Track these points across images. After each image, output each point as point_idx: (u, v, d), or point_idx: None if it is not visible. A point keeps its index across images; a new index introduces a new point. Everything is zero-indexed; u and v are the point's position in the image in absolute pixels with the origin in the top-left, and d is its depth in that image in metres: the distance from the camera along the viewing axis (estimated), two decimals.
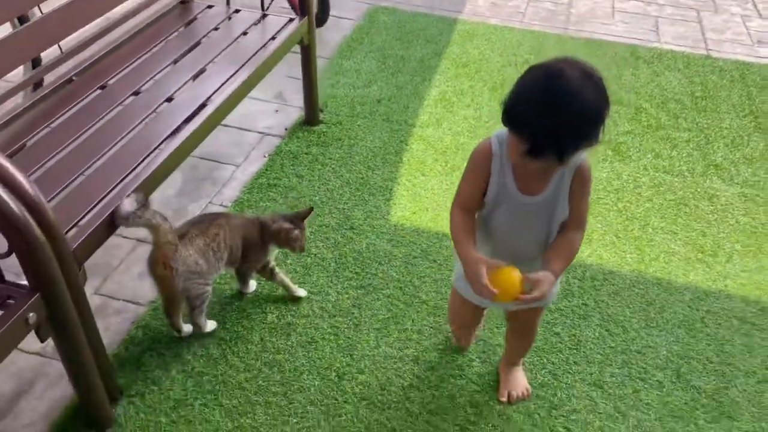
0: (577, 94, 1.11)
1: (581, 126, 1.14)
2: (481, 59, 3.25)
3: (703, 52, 3.44)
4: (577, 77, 1.12)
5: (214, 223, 1.71)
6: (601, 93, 1.14)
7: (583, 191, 1.31)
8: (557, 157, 1.16)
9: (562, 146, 1.15)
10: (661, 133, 2.77)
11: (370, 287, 1.97)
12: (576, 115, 1.12)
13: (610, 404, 1.67)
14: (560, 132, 1.13)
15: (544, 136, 1.14)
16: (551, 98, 1.12)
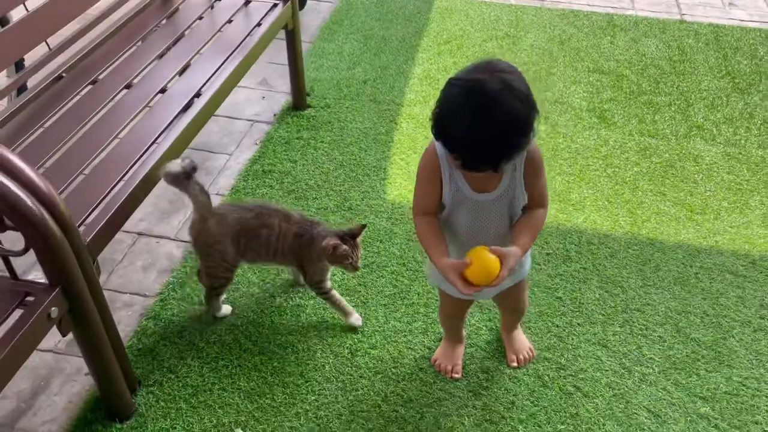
0: (500, 107, 1.10)
1: (509, 137, 1.12)
2: (461, 35, 3.28)
3: (678, 17, 3.51)
4: (497, 89, 1.10)
5: (264, 218, 1.68)
6: (525, 100, 1.12)
7: (538, 175, 1.31)
8: (492, 169, 1.16)
9: (494, 160, 1.14)
10: (643, 98, 2.83)
11: (374, 265, 2.00)
12: (501, 129, 1.11)
13: (616, 361, 1.74)
14: (489, 147, 1.12)
15: (474, 152, 1.14)
16: (474, 116, 1.11)
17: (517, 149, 1.15)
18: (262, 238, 1.68)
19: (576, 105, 2.77)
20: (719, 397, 1.64)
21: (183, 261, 2.01)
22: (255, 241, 1.69)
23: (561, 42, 3.23)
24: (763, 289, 1.95)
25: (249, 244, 1.69)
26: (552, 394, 1.65)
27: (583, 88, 2.89)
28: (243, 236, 1.68)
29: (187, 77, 2.05)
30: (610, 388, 1.67)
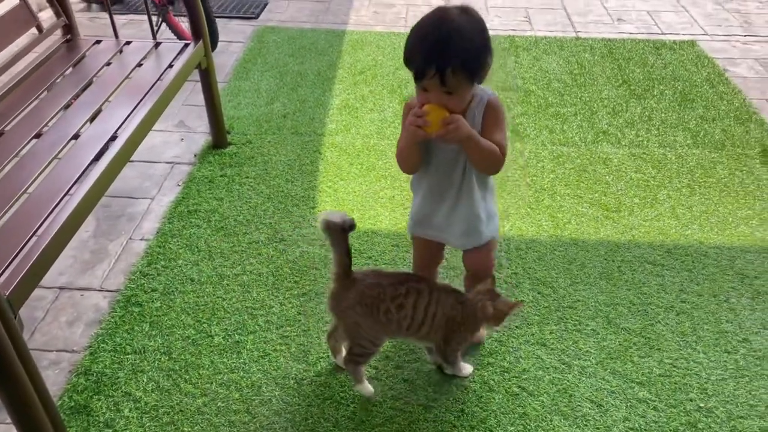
0: (453, 20, 1.32)
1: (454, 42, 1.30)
2: (375, 65, 3.36)
3: (573, 35, 3.74)
4: (456, 12, 1.34)
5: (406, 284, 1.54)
6: (478, 26, 1.35)
7: (495, 124, 1.45)
8: (437, 72, 1.31)
9: (439, 60, 1.30)
10: (551, 110, 2.98)
11: (312, 293, 1.99)
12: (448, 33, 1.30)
13: (555, 358, 1.79)
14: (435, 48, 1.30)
15: (423, 52, 1.32)
16: (429, 25, 1.34)
17: (460, 62, 1.31)
18: (407, 308, 1.53)
19: None
20: (654, 380, 1.72)
21: (111, 311, 1.93)
22: (397, 312, 1.53)
23: None
24: (680, 275, 2.07)
25: (389, 314, 1.53)
26: (499, 398, 1.68)
27: None
28: (381, 303, 1.52)
29: (99, 124, 1.99)
30: (553, 385, 1.72)
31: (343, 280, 1.54)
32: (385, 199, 2.40)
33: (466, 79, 1.35)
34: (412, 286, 1.53)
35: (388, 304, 1.52)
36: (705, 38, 3.71)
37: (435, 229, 1.64)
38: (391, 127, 2.83)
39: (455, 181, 1.53)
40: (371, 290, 1.52)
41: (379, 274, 1.58)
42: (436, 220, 1.62)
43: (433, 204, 1.59)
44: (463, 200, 1.56)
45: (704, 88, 3.16)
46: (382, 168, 2.57)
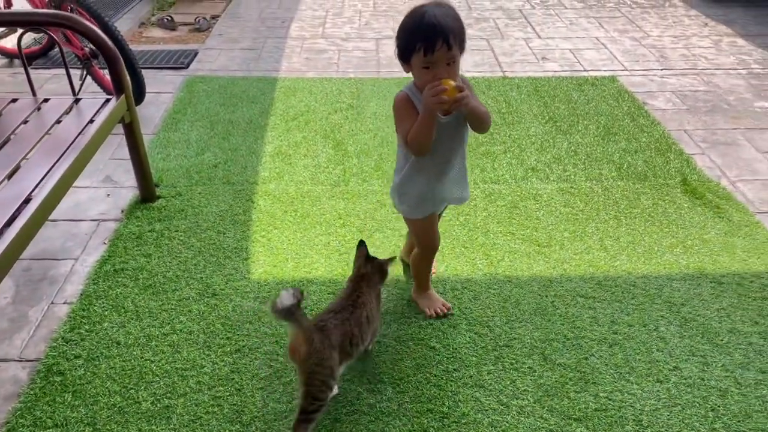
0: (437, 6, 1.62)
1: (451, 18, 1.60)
2: (307, 111, 3.37)
3: (500, 74, 3.86)
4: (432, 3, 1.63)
5: (358, 302, 1.71)
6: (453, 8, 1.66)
7: (473, 92, 1.72)
8: (444, 42, 1.56)
9: (444, 32, 1.56)
10: (482, 149, 3.05)
11: (246, 349, 1.93)
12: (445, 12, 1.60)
13: (493, 399, 1.78)
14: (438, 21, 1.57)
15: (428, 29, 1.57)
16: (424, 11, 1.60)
17: (457, 30, 1.60)
18: (364, 326, 1.70)
19: None
20: (590, 414, 1.73)
21: (31, 382, 1.82)
22: (359, 332, 1.68)
23: None
24: (611, 306, 2.11)
25: (353, 341, 1.66)
26: None
27: None
28: (348, 339, 1.64)
29: (15, 183, 1.91)
30: (492, 427, 1.70)
31: (311, 340, 1.55)
32: (320, 246, 2.38)
33: (460, 47, 1.62)
34: (357, 301, 1.71)
35: (353, 330, 1.66)
36: (625, 73, 3.89)
37: (438, 199, 1.90)
38: (325, 173, 2.83)
39: (457, 150, 1.82)
40: (343, 331, 1.63)
41: (334, 313, 1.67)
42: (442, 191, 1.88)
43: (439, 178, 1.84)
44: (461, 165, 1.87)
45: (626, 121, 3.29)
46: (317, 214, 2.56)
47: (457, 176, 1.89)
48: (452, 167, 1.85)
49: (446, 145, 1.78)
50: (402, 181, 1.89)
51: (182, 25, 4.69)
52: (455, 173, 1.87)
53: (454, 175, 1.87)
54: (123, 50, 2.94)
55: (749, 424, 1.70)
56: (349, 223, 2.50)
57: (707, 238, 2.41)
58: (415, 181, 1.86)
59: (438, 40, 1.58)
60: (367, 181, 2.79)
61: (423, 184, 1.86)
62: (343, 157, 2.96)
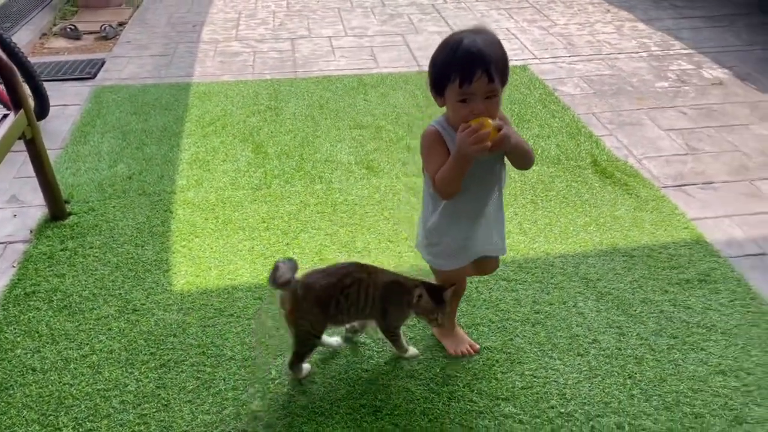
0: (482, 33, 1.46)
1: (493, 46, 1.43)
2: (224, 115, 3.31)
3: (416, 69, 3.91)
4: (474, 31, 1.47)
5: (351, 275, 1.71)
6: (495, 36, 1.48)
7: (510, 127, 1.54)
8: (485, 73, 1.40)
9: (485, 62, 1.40)
10: (402, 143, 3.08)
11: (171, 362, 1.88)
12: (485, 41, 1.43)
13: (424, 388, 1.81)
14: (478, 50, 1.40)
15: (466, 58, 1.40)
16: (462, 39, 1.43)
17: (499, 60, 1.43)
18: (352, 297, 1.70)
19: (345, 160, 2.93)
20: (517, 393, 1.79)
21: None
22: (345, 301, 1.70)
23: (320, 106, 3.41)
24: (532, 287, 2.18)
25: (339, 306, 1.71)
26: None
27: (348, 144, 3.06)
28: (333, 302, 1.70)
29: None
30: (424, 416, 1.73)
31: (296, 298, 1.68)
32: (244, 252, 2.34)
33: (501, 79, 1.46)
34: (355, 277, 1.71)
35: (339, 297, 1.69)
36: (535, 62, 4.02)
37: (477, 248, 1.73)
38: (246, 177, 2.79)
39: (493, 193, 1.65)
40: (325, 291, 1.69)
41: (326, 273, 1.72)
42: (477, 239, 1.70)
43: (477, 221, 1.67)
44: (496, 210, 1.69)
45: (538, 108, 3.40)
46: (239, 219, 2.51)
47: (495, 218, 1.70)
48: (489, 207, 1.67)
49: (482, 182, 1.60)
50: (433, 228, 1.69)
51: (87, 33, 4.50)
52: (497, 216, 1.70)
53: (491, 217, 1.69)
54: (20, 62, 2.80)
55: (664, 387, 1.79)
56: (273, 226, 2.48)
57: (618, 215, 2.52)
58: (449, 228, 1.67)
59: (477, 69, 1.40)
60: (290, 182, 2.76)
61: (458, 231, 1.67)
62: (264, 159, 2.93)
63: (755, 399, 1.75)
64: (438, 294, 1.71)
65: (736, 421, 1.69)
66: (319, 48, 4.23)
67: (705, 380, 1.81)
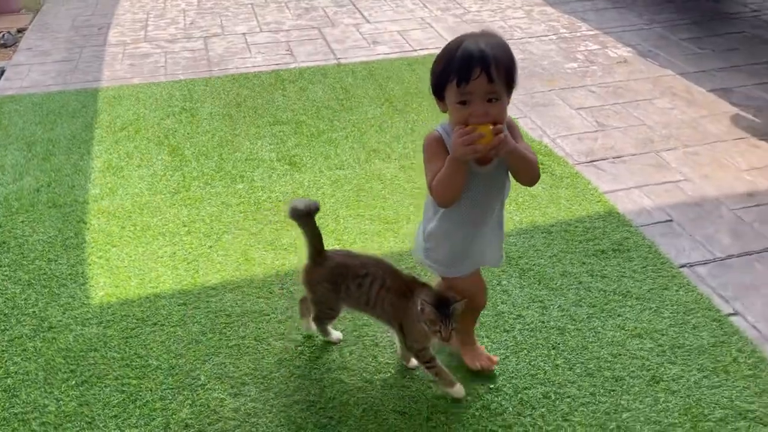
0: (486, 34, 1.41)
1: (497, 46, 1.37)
2: (137, 119, 3.20)
3: (335, 62, 3.90)
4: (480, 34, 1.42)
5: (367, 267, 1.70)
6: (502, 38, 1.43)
7: (517, 135, 1.50)
8: (484, 71, 1.33)
9: (485, 61, 1.33)
10: (323, 137, 3.07)
11: (93, 378, 1.81)
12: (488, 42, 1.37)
13: (357, 377, 1.81)
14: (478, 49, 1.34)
15: (465, 56, 1.35)
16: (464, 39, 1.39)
17: (503, 60, 1.36)
18: (364, 287, 1.68)
19: (266, 158, 2.89)
20: None
21: None
22: (356, 288, 1.69)
23: (237, 104, 3.35)
24: None
25: (349, 290, 1.71)
26: None
27: (269, 141, 3.02)
28: (344, 281, 1.70)
29: None
30: (358, 406, 1.73)
31: (314, 258, 1.74)
32: (165, 258, 2.27)
33: (505, 81, 1.38)
34: (372, 271, 1.69)
35: (349, 282, 1.70)
36: None
37: (476, 257, 1.66)
38: (163, 181, 2.70)
39: (494, 204, 1.57)
40: (338, 269, 1.72)
41: (349, 255, 1.77)
42: (477, 249, 1.63)
43: (478, 230, 1.60)
44: (497, 221, 1.62)
45: None
46: (159, 225, 2.44)
47: (496, 229, 1.63)
48: (491, 217, 1.59)
49: (483, 193, 1.53)
50: (432, 234, 1.62)
51: None
52: (497, 227, 1.63)
53: (492, 227, 1.62)
54: None
55: (586, 355, 1.87)
56: (195, 230, 2.42)
57: (535, 193, 2.60)
58: (448, 234, 1.60)
59: (475, 67, 1.33)
60: (210, 183, 2.70)
61: (457, 239, 1.60)
62: (181, 162, 2.85)
63: (670, 358, 1.85)
64: (445, 304, 1.57)
65: (653, 381, 1.79)
66: (234, 45, 4.14)
67: (623, 344, 1.90)
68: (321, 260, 1.75)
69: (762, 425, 1.66)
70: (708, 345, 1.89)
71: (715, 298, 2.07)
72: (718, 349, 1.87)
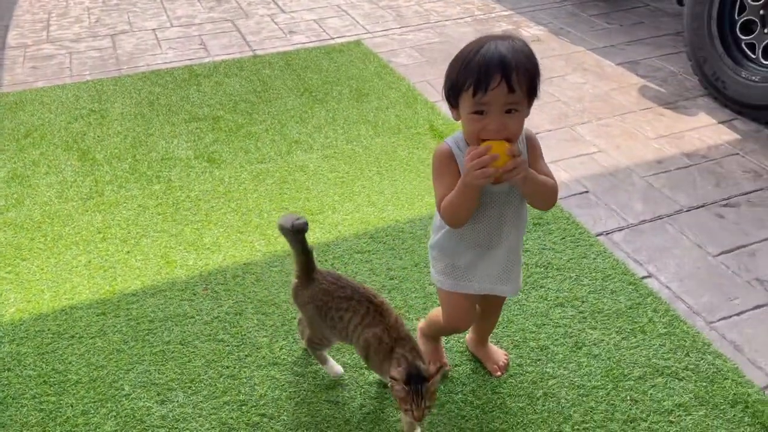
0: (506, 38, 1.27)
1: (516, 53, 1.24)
2: (42, 124, 3.04)
3: (250, 54, 3.82)
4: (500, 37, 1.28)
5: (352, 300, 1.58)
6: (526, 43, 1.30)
7: (538, 154, 1.41)
8: (505, 79, 1.21)
9: (506, 68, 1.21)
10: (243, 131, 3.00)
11: (8, 399, 1.72)
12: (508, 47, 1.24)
13: (289, 372, 1.80)
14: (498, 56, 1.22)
15: (486, 63, 1.22)
16: (480, 44, 1.26)
17: (524, 68, 1.24)
18: (344, 321, 1.58)
19: (183, 156, 2.80)
20: None
21: None
22: (337, 318, 1.59)
23: (150, 103, 3.23)
24: (386, 255, 2.23)
25: (333, 322, 1.60)
26: None
27: (185, 138, 2.93)
28: (326, 309, 1.61)
29: None
30: (291, 400, 1.72)
31: (302, 277, 1.65)
32: (80, 267, 2.17)
33: (527, 91, 1.26)
34: (354, 305, 1.58)
35: (333, 313, 1.60)
36: (368, 36, 4.07)
37: (480, 284, 1.52)
38: (74, 187, 2.58)
39: (507, 226, 1.44)
40: (322, 295, 1.61)
41: (338, 282, 1.62)
42: (485, 272, 1.50)
43: (484, 253, 1.47)
44: (514, 243, 1.48)
45: (375, 81, 3.45)
46: (72, 234, 2.33)
47: (507, 257, 1.49)
48: (501, 241, 1.45)
49: (495, 213, 1.42)
50: (437, 243, 1.52)
51: None
52: (504, 251, 1.47)
53: (502, 255, 1.47)
54: None
55: (512, 327, 1.92)
56: (111, 235, 2.32)
57: None
58: (452, 248, 1.50)
59: (495, 75, 1.21)
60: (124, 186, 2.60)
61: (461, 255, 1.49)
62: (92, 166, 2.72)
63: (590, 323, 1.92)
64: (417, 380, 1.41)
65: (576, 347, 1.85)
66: (143, 42, 3.98)
67: (546, 314, 1.96)
68: (308, 281, 1.64)
69: (677, 379, 1.75)
70: (625, 308, 1.97)
71: (630, 262, 2.16)
72: (635, 311, 1.96)
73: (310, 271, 1.64)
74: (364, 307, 1.57)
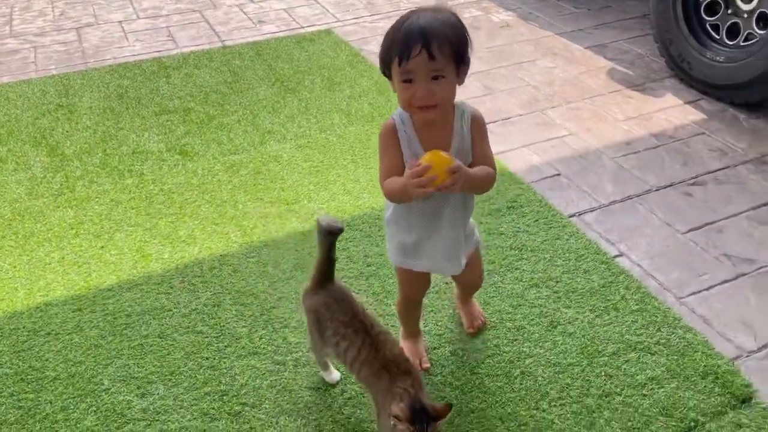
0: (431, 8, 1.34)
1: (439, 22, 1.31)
2: (8, 121, 2.98)
3: (220, 45, 3.78)
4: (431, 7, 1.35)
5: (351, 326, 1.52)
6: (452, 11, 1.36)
7: (483, 138, 1.46)
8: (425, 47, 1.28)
9: (425, 37, 1.28)
10: (215, 123, 2.97)
11: None
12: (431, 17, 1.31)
13: (269, 361, 1.80)
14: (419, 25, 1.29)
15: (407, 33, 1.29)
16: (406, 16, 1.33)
17: (446, 35, 1.30)
18: (340, 347, 1.53)
19: (155, 149, 2.77)
20: None
21: None
22: (333, 343, 1.54)
23: (119, 96, 3.18)
24: (362, 242, 2.24)
25: (328, 338, 1.55)
26: (222, 424, 1.64)
27: (156, 131, 2.90)
28: (324, 326, 1.55)
29: None
30: (272, 388, 1.73)
31: (315, 282, 1.59)
32: (53, 264, 2.15)
33: (451, 57, 1.32)
34: (350, 334, 1.51)
35: (329, 333, 1.55)
36: (338, 24, 4.05)
37: (427, 260, 1.58)
38: (43, 184, 2.54)
39: (446, 213, 1.50)
40: (324, 309, 1.56)
41: (342, 302, 1.56)
42: (430, 251, 1.56)
43: (430, 233, 1.53)
44: (452, 228, 1.53)
45: (346, 70, 3.45)
46: (43, 230, 2.30)
47: (454, 237, 1.54)
48: (445, 226, 1.51)
49: (433, 205, 1.48)
50: (391, 216, 1.56)
51: None
52: (450, 229, 1.52)
53: (449, 234, 1.52)
54: None
55: (489, 309, 1.95)
56: (83, 231, 2.30)
57: None
58: (404, 219, 1.54)
59: (415, 45, 1.28)
60: (95, 181, 2.56)
61: (408, 231, 1.54)
62: (62, 162, 2.68)
63: (565, 303, 1.97)
64: (421, 419, 1.31)
65: (551, 326, 1.89)
66: (110, 35, 3.92)
67: (522, 295, 1.99)
68: (318, 289, 1.58)
69: (650, 354, 1.80)
70: (598, 287, 2.01)
71: (602, 242, 2.21)
72: (608, 290, 2.00)
73: (325, 281, 1.58)
74: (360, 339, 1.50)
